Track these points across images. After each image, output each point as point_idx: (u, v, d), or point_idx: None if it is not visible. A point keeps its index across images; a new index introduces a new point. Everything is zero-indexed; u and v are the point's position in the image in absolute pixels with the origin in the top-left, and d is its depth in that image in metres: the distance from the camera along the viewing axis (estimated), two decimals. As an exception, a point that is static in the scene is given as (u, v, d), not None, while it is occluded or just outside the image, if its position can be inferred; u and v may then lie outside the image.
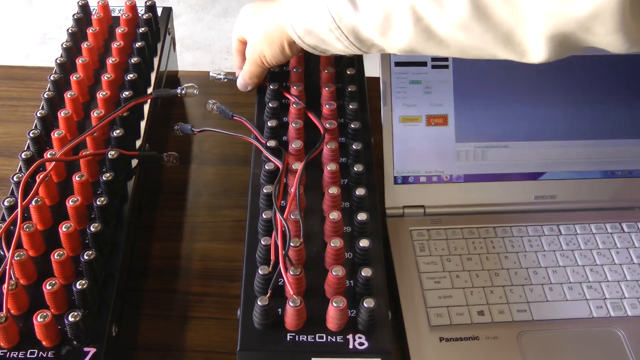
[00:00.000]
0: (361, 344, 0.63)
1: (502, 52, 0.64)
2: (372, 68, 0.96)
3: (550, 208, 0.89)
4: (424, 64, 0.88)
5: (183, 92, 0.86)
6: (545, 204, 0.89)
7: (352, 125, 0.80)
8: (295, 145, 0.77)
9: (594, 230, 0.87)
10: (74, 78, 0.84)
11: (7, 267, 0.64)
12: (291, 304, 0.62)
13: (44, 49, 2.62)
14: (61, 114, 0.79)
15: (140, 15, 0.97)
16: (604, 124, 0.90)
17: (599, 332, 0.77)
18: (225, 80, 0.90)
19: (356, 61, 0.90)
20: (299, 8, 0.73)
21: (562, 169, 0.90)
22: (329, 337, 0.63)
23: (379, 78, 0.89)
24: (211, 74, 0.90)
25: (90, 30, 0.92)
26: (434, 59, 0.88)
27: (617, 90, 0.90)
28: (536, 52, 0.61)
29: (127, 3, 0.97)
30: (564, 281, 0.81)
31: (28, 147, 0.79)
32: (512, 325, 0.77)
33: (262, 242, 0.67)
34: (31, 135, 0.78)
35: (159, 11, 1.01)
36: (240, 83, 0.88)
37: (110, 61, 0.87)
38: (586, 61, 0.89)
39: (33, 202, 0.70)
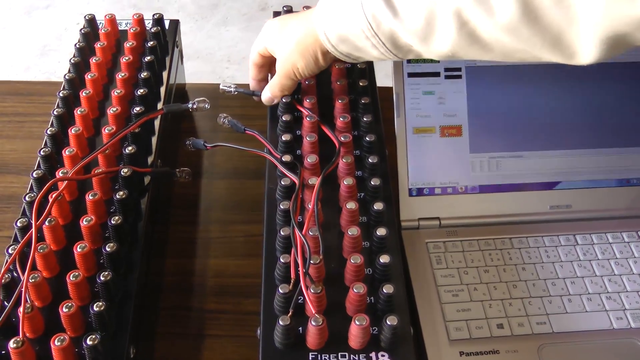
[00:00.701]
0: (384, 362, 0.62)
1: (548, 55, 0.62)
2: (382, 75, 0.95)
3: (566, 218, 0.88)
4: (437, 74, 0.87)
5: (194, 106, 0.85)
6: (560, 214, 0.88)
7: (367, 138, 0.79)
8: (310, 159, 0.76)
9: (611, 239, 0.86)
10: (84, 94, 0.84)
11: (23, 290, 0.63)
12: (313, 323, 0.61)
13: (43, 60, 2.61)
14: (71, 131, 0.79)
15: (147, 28, 0.96)
16: (618, 132, 0.89)
17: (620, 343, 0.76)
18: (236, 93, 0.88)
19: (368, 72, 0.89)
20: (333, 15, 0.72)
21: (577, 178, 0.89)
22: (351, 355, 0.63)
23: (389, 88, 0.88)
24: (221, 86, 0.89)
25: (98, 45, 0.91)
26: (447, 69, 0.87)
27: (631, 98, 0.90)
28: (586, 54, 0.60)
29: (135, 16, 0.96)
30: (582, 292, 0.80)
31: (39, 166, 0.78)
32: (532, 338, 0.76)
33: (282, 260, 0.66)
34: (42, 153, 0.77)
35: (166, 24, 1.00)
36: (266, 97, 0.85)
37: (119, 76, 0.86)
38: (599, 69, 0.89)
39: (46, 222, 0.69)
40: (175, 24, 1.02)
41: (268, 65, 0.87)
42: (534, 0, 0.58)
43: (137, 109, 0.83)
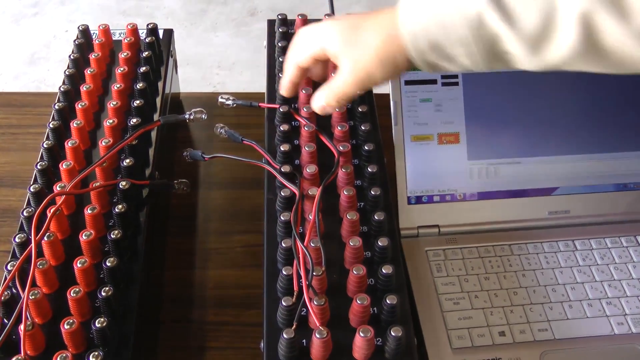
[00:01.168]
0: (389, 373, 0.62)
1: None
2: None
3: (565, 223, 0.88)
4: (434, 81, 0.87)
5: (191, 117, 0.85)
6: (559, 219, 0.88)
7: (365, 147, 0.79)
8: (310, 169, 0.75)
9: (609, 244, 0.86)
10: (79, 106, 0.83)
11: (24, 308, 0.62)
12: (318, 336, 0.61)
13: (32, 68, 2.59)
14: (68, 144, 0.78)
15: (142, 38, 0.96)
16: (615, 138, 0.90)
17: (622, 349, 0.77)
18: (235, 105, 0.88)
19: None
20: (425, 19, 0.63)
21: (575, 184, 0.89)
22: (356, 367, 0.62)
23: (386, 95, 0.88)
24: (220, 99, 0.88)
25: (93, 56, 0.90)
26: (443, 76, 0.87)
27: (627, 104, 0.90)
28: None
29: (129, 27, 0.96)
30: (583, 298, 0.80)
31: (35, 180, 0.77)
32: (534, 345, 0.76)
33: (284, 272, 0.66)
34: (39, 167, 0.77)
35: (160, 33, 1.00)
36: (320, 106, 0.75)
37: (115, 87, 0.86)
38: (596, 76, 0.88)
39: (45, 238, 0.69)
40: (169, 33, 1.02)
41: (310, 70, 0.80)
42: None
43: (134, 120, 0.82)
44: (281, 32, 0.95)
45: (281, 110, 0.83)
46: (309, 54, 0.74)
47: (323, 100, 0.74)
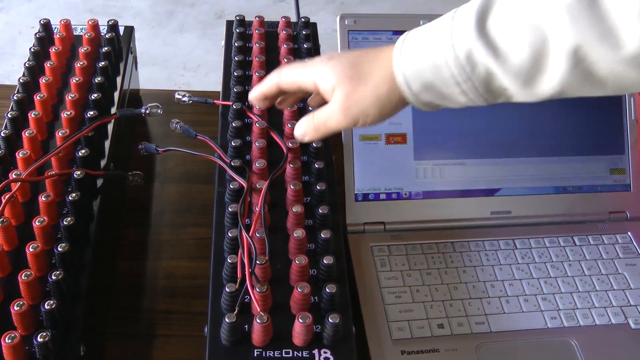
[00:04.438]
0: (327, 358, 0.65)
1: None
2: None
3: (506, 223, 0.92)
4: (383, 84, 0.91)
5: (147, 111, 0.87)
6: (501, 219, 0.92)
7: (314, 145, 0.82)
8: (259, 164, 0.78)
9: (548, 244, 0.90)
10: (38, 98, 0.85)
11: (-25, 289, 0.64)
12: (258, 321, 0.63)
13: (-2, 63, 2.59)
14: (25, 134, 0.80)
15: (102, 34, 0.98)
16: (555, 142, 0.94)
17: (554, 342, 0.80)
18: (190, 102, 0.90)
19: (317, 81, 0.92)
20: (416, 60, 0.64)
21: (516, 185, 0.93)
22: (295, 352, 0.65)
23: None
24: (176, 95, 0.91)
25: (53, 50, 0.92)
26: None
27: (568, 110, 0.94)
28: None
29: (90, 22, 0.98)
30: (519, 293, 0.84)
31: (-8, 168, 0.79)
32: (471, 337, 0.80)
33: (229, 260, 0.69)
34: (-5, 155, 0.79)
35: (121, 30, 1.02)
36: (301, 133, 0.74)
37: (74, 81, 0.88)
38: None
39: (-1, 223, 0.71)
40: (129, 30, 1.04)
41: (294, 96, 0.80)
42: None
43: (91, 113, 0.84)
44: (238, 32, 0.98)
45: (234, 107, 0.86)
46: (296, 81, 0.73)
47: (303, 128, 0.73)
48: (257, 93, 0.78)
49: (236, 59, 0.93)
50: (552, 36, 0.56)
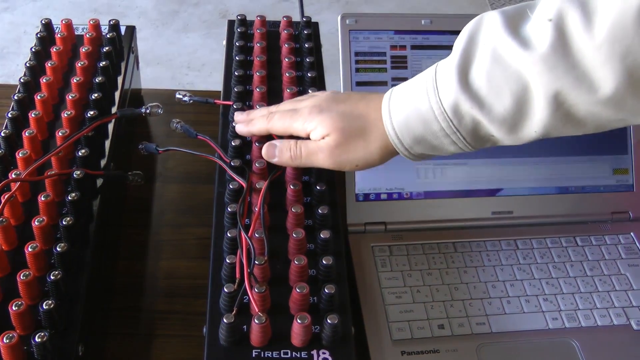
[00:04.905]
0: (325, 359, 0.64)
1: None
2: (331, 82, 0.97)
3: (508, 223, 0.92)
4: (384, 83, 0.90)
5: (147, 111, 0.87)
6: (502, 220, 0.92)
7: (314, 144, 0.82)
8: (259, 164, 0.78)
9: (550, 244, 0.90)
10: (39, 97, 0.85)
11: (-26, 288, 0.64)
12: (256, 321, 0.63)
13: (2, 63, 2.60)
14: (26, 134, 0.80)
15: (104, 34, 0.98)
16: (557, 142, 0.93)
17: (555, 343, 0.80)
18: (191, 101, 0.90)
19: (318, 80, 0.92)
20: (405, 117, 0.67)
21: (518, 186, 0.92)
22: (293, 352, 0.65)
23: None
24: (177, 95, 0.90)
25: (54, 49, 0.92)
26: (394, 78, 0.91)
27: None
28: None
29: (91, 22, 0.98)
30: (521, 294, 0.84)
31: (-8, 167, 0.79)
32: (472, 337, 0.79)
33: (227, 260, 0.68)
34: (-5, 155, 0.79)
35: (122, 30, 1.02)
36: (270, 154, 0.77)
37: (74, 80, 0.88)
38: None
39: (-2, 223, 0.71)
40: (131, 30, 1.04)
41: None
42: (638, 68, 0.56)
43: (91, 112, 0.84)
44: (240, 32, 0.98)
45: (235, 107, 0.86)
46: (287, 130, 0.75)
47: (283, 152, 0.75)
48: (245, 131, 0.80)
49: (237, 58, 0.93)
50: (532, 84, 0.59)
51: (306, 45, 0.96)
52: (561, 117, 0.60)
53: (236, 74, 0.90)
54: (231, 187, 0.76)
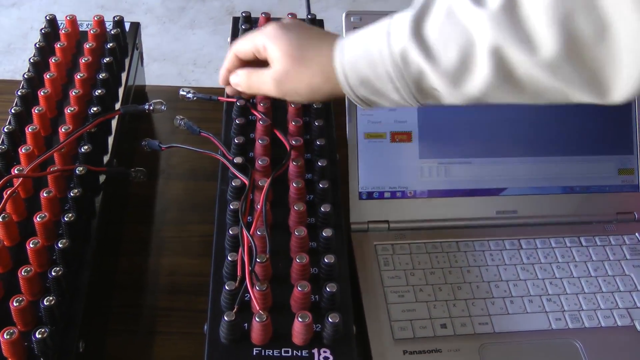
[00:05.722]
0: (326, 358, 0.64)
1: (580, 94, 0.61)
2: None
3: (512, 223, 0.91)
4: (388, 81, 0.90)
5: (151, 108, 0.87)
6: (506, 219, 0.91)
7: (318, 142, 0.82)
8: (261, 161, 0.78)
9: (554, 244, 0.89)
10: (42, 93, 0.85)
11: (-25, 284, 0.64)
12: (257, 319, 0.63)
13: (9, 58, 2.60)
14: (29, 130, 0.80)
15: (108, 30, 0.98)
16: (562, 142, 0.93)
17: (558, 343, 0.79)
18: (195, 98, 0.90)
19: (322, 78, 0.91)
20: (356, 56, 0.69)
21: (522, 185, 0.92)
22: (294, 351, 0.65)
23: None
24: (180, 92, 0.90)
25: (58, 45, 0.92)
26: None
27: (575, 110, 0.93)
28: (619, 92, 0.60)
29: (95, 18, 0.98)
30: (524, 294, 0.83)
31: (-5, 163, 0.79)
32: (474, 337, 0.79)
33: (229, 258, 0.68)
34: (-2, 150, 0.79)
35: (127, 26, 1.02)
36: (234, 82, 0.81)
37: (78, 77, 0.88)
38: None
39: (0, 218, 0.70)
40: (135, 26, 1.04)
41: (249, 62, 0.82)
42: (578, 35, 0.57)
43: (94, 109, 0.84)
44: (244, 29, 0.98)
45: (238, 104, 0.85)
46: (249, 47, 0.79)
47: (240, 79, 0.80)
48: (223, 72, 0.83)
49: (241, 55, 0.92)
50: (478, 39, 0.61)
51: (311, 43, 0.96)
52: (502, 76, 0.61)
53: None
54: (233, 184, 0.75)
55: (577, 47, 0.58)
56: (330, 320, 0.64)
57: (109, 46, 0.94)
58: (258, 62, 0.79)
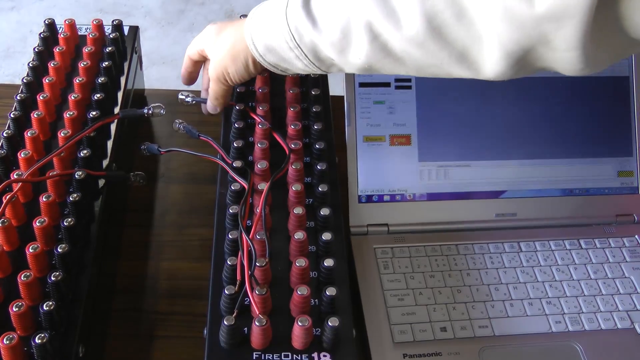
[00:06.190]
0: (326, 362, 0.64)
1: (457, 70, 0.65)
2: (335, 84, 0.97)
3: (511, 225, 0.91)
4: (387, 84, 0.90)
5: (150, 112, 0.87)
6: (506, 222, 0.91)
7: (317, 146, 0.82)
8: (260, 165, 0.78)
9: (553, 247, 0.89)
10: (41, 97, 0.85)
11: (-26, 289, 0.64)
12: (257, 324, 0.63)
13: (8, 62, 2.60)
14: (28, 134, 0.80)
15: (107, 34, 0.98)
16: (562, 144, 0.93)
17: (558, 346, 0.80)
18: (194, 102, 0.90)
19: (321, 81, 0.91)
20: (260, 26, 0.75)
21: (522, 187, 0.92)
22: (294, 355, 0.65)
23: (342, 96, 0.91)
24: (179, 96, 0.90)
25: (57, 49, 0.92)
26: (397, 79, 0.90)
27: (574, 112, 0.93)
28: (490, 69, 0.63)
29: (94, 22, 0.97)
30: (524, 297, 0.83)
31: (-6, 167, 0.79)
32: (474, 340, 0.79)
33: (229, 262, 0.68)
34: (-3, 155, 0.79)
35: (126, 30, 1.02)
36: (210, 108, 0.88)
37: (77, 81, 0.88)
38: (544, 84, 0.92)
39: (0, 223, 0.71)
40: (134, 30, 1.03)
41: (201, 63, 0.89)
42: (437, 16, 0.61)
43: (93, 113, 0.84)
44: (243, 33, 0.97)
45: (237, 108, 0.85)
46: (193, 48, 0.87)
47: (209, 100, 0.87)
48: (183, 73, 0.91)
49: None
50: (354, 13, 0.66)
51: (309, 46, 0.96)
52: (379, 49, 0.66)
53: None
54: (233, 188, 0.75)
55: (438, 27, 0.61)
56: (330, 324, 0.64)
57: (107, 50, 0.94)
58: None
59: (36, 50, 0.94)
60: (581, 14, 0.54)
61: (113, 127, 0.88)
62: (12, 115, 0.83)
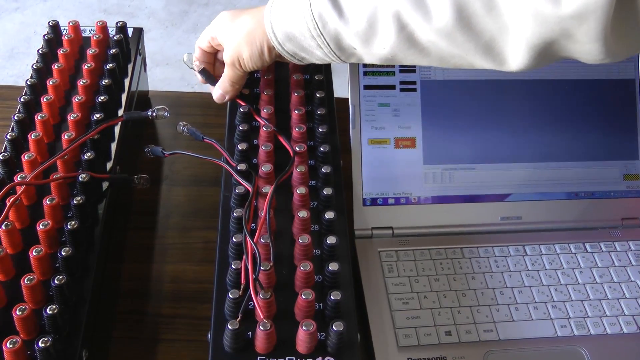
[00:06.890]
0: (330, 366, 0.64)
1: (481, 61, 0.66)
2: (339, 85, 0.97)
3: (516, 229, 0.91)
4: (392, 87, 0.90)
5: (154, 114, 0.86)
6: (511, 225, 0.91)
7: (321, 149, 0.81)
8: (265, 168, 0.77)
9: (559, 250, 0.89)
10: (45, 100, 0.85)
11: (-23, 293, 0.64)
12: (261, 328, 0.63)
13: (12, 63, 2.60)
14: (31, 137, 0.80)
15: (111, 36, 0.98)
16: (568, 147, 0.92)
17: (563, 351, 0.79)
18: (199, 71, 0.90)
19: (325, 83, 0.91)
20: (281, 13, 0.75)
21: (527, 191, 0.92)
22: (298, 359, 0.64)
23: (347, 99, 0.90)
24: (185, 59, 0.91)
25: (61, 51, 0.92)
26: (402, 82, 0.90)
27: (580, 115, 0.93)
28: (516, 61, 0.64)
29: (98, 24, 0.97)
30: (529, 301, 0.83)
31: (-3, 170, 0.79)
32: (479, 345, 0.79)
33: (233, 266, 0.68)
34: (1, 157, 0.78)
35: (130, 32, 1.02)
36: (218, 94, 0.88)
37: (81, 83, 0.88)
38: (550, 87, 0.92)
39: (3, 226, 0.70)
40: (138, 31, 1.03)
41: (213, 53, 0.90)
42: (468, 7, 0.62)
43: (97, 115, 0.84)
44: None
45: (241, 110, 0.85)
46: (204, 37, 0.87)
47: (219, 88, 0.87)
48: (196, 61, 0.90)
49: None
50: (380, 3, 0.67)
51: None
52: (405, 39, 0.67)
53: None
54: (237, 191, 0.75)
55: (468, 18, 0.63)
56: (334, 328, 0.63)
57: (111, 52, 0.93)
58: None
59: (40, 52, 0.93)
60: (602, 9, 0.56)
61: (117, 129, 0.87)
62: (15, 118, 0.83)
